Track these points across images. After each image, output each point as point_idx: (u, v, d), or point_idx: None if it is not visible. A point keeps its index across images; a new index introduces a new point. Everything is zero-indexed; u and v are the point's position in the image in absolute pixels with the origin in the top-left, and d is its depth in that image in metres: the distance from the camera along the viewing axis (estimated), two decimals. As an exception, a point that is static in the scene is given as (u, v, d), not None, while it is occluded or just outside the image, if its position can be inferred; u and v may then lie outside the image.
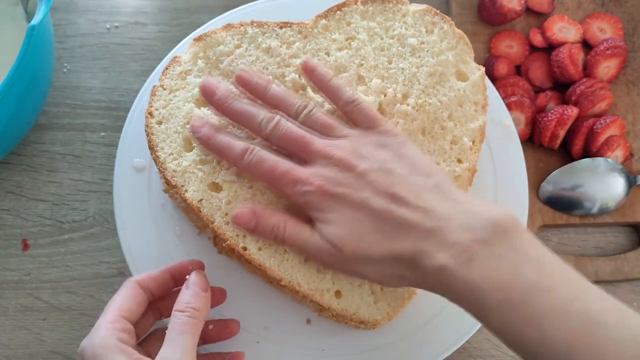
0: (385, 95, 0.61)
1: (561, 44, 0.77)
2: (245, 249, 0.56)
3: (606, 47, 0.76)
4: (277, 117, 0.54)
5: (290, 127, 0.54)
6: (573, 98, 0.75)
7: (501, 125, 0.67)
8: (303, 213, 0.54)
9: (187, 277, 0.55)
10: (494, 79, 0.76)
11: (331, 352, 0.61)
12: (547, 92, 0.77)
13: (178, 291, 0.54)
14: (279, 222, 0.53)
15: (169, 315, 0.52)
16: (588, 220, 0.73)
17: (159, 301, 0.56)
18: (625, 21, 0.81)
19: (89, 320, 0.68)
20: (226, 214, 0.57)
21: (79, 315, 0.68)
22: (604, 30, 0.80)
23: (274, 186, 0.54)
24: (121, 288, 0.54)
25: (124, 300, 0.52)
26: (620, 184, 0.72)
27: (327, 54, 0.62)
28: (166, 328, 0.50)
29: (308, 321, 0.62)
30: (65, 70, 0.78)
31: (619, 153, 0.73)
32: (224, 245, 0.57)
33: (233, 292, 0.62)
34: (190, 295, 0.53)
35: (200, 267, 0.57)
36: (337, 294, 0.57)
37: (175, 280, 0.57)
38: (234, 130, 0.59)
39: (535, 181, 0.74)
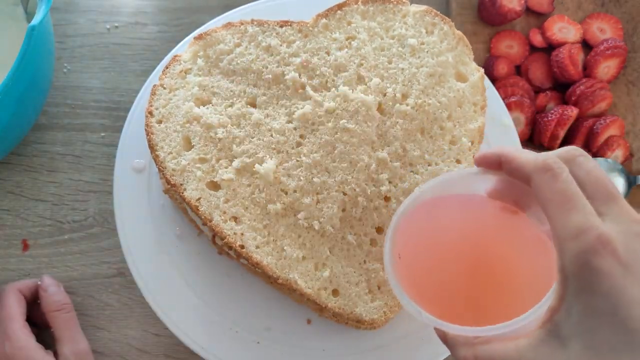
0: (384, 95, 0.61)
1: (561, 44, 0.77)
2: (242, 246, 0.56)
3: (606, 47, 0.76)
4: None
5: None
6: (573, 98, 0.75)
7: (501, 125, 0.67)
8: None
9: (39, 282, 0.64)
10: (494, 79, 0.76)
11: (331, 352, 0.61)
12: (547, 92, 0.77)
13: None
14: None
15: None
16: (588, 220, 0.73)
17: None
18: (625, 21, 0.81)
19: (89, 320, 0.68)
20: (224, 212, 0.57)
21: (79, 315, 0.67)
22: (604, 30, 0.80)
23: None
24: (8, 295, 0.62)
25: (18, 306, 0.61)
26: (620, 184, 0.72)
27: (327, 53, 0.62)
28: None
29: (308, 321, 0.62)
30: (65, 70, 0.78)
31: (619, 153, 0.73)
32: (222, 243, 0.57)
33: (233, 292, 0.62)
34: (58, 295, 0.64)
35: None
36: (335, 292, 0.57)
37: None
38: (233, 130, 0.59)
39: (535, 181, 0.74)
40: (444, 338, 0.43)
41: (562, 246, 0.36)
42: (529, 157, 0.40)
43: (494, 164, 0.43)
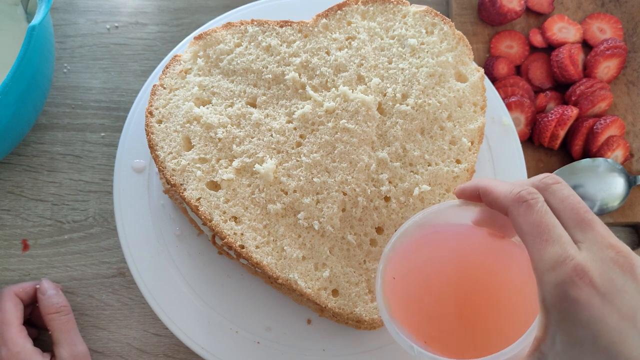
0: (384, 95, 0.61)
1: (561, 44, 0.77)
2: (242, 247, 0.56)
3: (606, 47, 0.76)
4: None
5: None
6: (573, 98, 0.75)
7: (501, 125, 0.67)
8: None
9: (37, 286, 0.64)
10: (494, 79, 0.76)
11: (332, 352, 0.61)
12: (547, 92, 0.77)
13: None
14: None
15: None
16: (588, 220, 0.73)
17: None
18: (625, 21, 0.81)
19: (89, 320, 0.68)
20: (224, 212, 0.57)
21: (79, 315, 0.68)
22: (603, 30, 0.80)
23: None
24: (4, 299, 0.62)
25: (15, 310, 0.61)
26: (620, 184, 0.72)
27: (327, 53, 0.62)
28: None
29: (309, 321, 0.62)
30: (65, 70, 0.78)
31: (619, 153, 0.73)
32: (222, 243, 0.57)
33: (233, 292, 0.62)
34: (56, 297, 0.63)
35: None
36: (334, 292, 0.57)
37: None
38: (233, 130, 0.59)
39: (535, 181, 0.74)
40: None
41: (540, 278, 0.36)
42: (505, 188, 0.41)
43: (473, 195, 0.45)
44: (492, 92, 0.68)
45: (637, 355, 0.33)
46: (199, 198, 0.57)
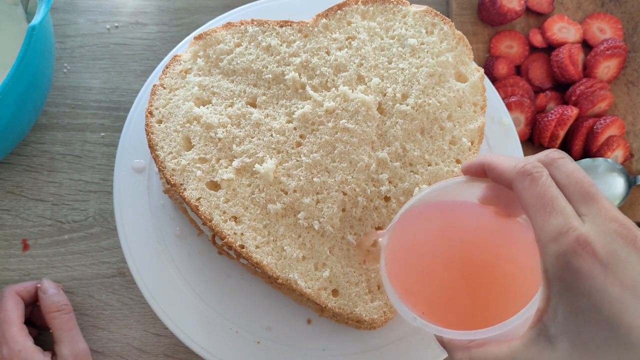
0: (384, 95, 0.61)
1: (561, 44, 0.77)
2: (242, 247, 0.56)
3: (606, 47, 0.76)
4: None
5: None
6: (573, 98, 0.75)
7: (501, 124, 0.67)
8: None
9: (38, 285, 0.65)
10: (494, 79, 0.76)
11: (332, 352, 0.61)
12: (547, 92, 0.77)
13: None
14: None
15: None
16: (588, 220, 0.73)
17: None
18: (625, 21, 0.81)
19: (89, 320, 0.68)
20: (224, 212, 0.57)
21: (79, 315, 0.68)
22: (603, 30, 0.80)
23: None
24: (6, 298, 0.62)
25: (16, 309, 0.61)
26: (620, 184, 0.72)
27: (327, 53, 0.62)
28: None
29: (309, 321, 0.62)
30: (65, 70, 0.78)
31: (619, 153, 0.73)
32: (222, 243, 0.57)
33: (233, 292, 0.62)
34: (57, 296, 0.64)
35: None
36: (334, 292, 0.57)
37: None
38: (233, 130, 0.59)
39: (535, 181, 0.74)
40: (442, 342, 0.43)
41: (543, 249, 0.36)
42: (510, 163, 0.41)
43: (479, 171, 0.45)
44: (492, 92, 0.68)
45: (639, 326, 0.33)
46: (199, 198, 0.57)
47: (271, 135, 0.59)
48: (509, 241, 0.45)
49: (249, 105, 0.61)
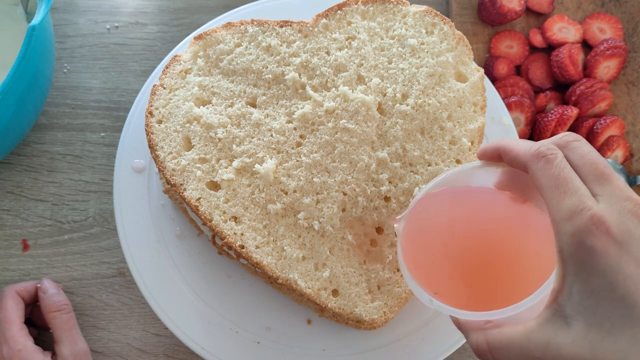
0: (384, 95, 0.61)
1: (561, 44, 0.77)
2: (242, 247, 0.56)
3: (606, 47, 0.76)
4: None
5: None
6: (573, 98, 0.75)
7: (501, 124, 0.67)
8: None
9: (38, 285, 0.65)
10: (494, 79, 0.76)
11: (331, 352, 0.61)
12: (547, 92, 0.77)
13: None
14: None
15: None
16: (588, 220, 0.73)
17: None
18: (625, 21, 0.81)
19: (89, 320, 0.68)
20: (224, 212, 0.57)
21: (79, 315, 0.68)
22: (604, 30, 0.80)
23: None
24: (6, 298, 0.62)
25: (16, 309, 0.61)
26: (621, 184, 0.72)
27: (327, 53, 0.62)
28: None
29: (309, 321, 0.62)
30: (65, 70, 0.78)
31: (619, 153, 0.73)
32: (222, 243, 0.57)
33: (233, 292, 0.62)
34: (57, 296, 0.64)
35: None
36: (334, 292, 0.57)
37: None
38: (233, 130, 0.59)
39: (535, 181, 0.74)
40: (457, 324, 0.44)
41: (558, 228, 0.37)
42: (525, 145, 0.41)
43: (494, 156, 0.45)
44: (492, 92, 0.68)
45: None
46: (199, 198, 0.57)
47: (271, 135, 0.59)
48: (524, 226, 0.46)
49: (249, 106, 0.61)
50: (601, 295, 0.34)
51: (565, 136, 0.40)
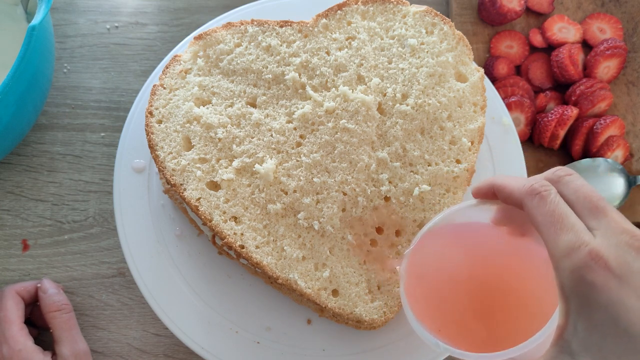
0: (384, 95, 0.61)
1: (561, 44, 0.77)
2: (242, 247, 0.56)
3: (606, 47, 0.76)
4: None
5: None
6: (573, 98, 0.75)
7: (501, 124, 0.67)
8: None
9: (38, 285, 0.65)
10: (494, 79, 0.76)
11: (331, 352, 0.61)
12: (547, 92, 0.77)
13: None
14: None
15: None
16: (588, 220, 0.73)
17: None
18: (625, 21, 0.81)
19: (89, 320, 0.68)
20: (224, 212, 0.57)
21: (79, 315, 0.68)
22: (603, 30, 0.80)
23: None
24: (6, 298, 0.62)
25: (16, 309, 0.61)
26: (620, 184, 0.72)
27: (327, 53, 0.62)
28: None
29: (309, 322, 0.62)
30: (65, 70, 0.78)
31: (619, 153, 0.73)
32: (222, 243, 0.57)
33: (233, 292, 0.62)
34: (57, 296, 0.64)
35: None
36: (334, 292, 0.57)
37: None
38: (233, 130, 0.59)
39: (535, 181, 0.74)
40: None
41: (557, 265, 0.37)
42: (518, 183, 0.42)
43: (489, 194, 0.45)
44: (492, 92, 0.68)
45: None
46: (199, 198, 0.57)
47: (271, 135, 0.59)
48: (523, 260, 0.46)
49: (249, 106, 0.61)
50: (605, 329, 0.35)
51: (557, 171, 0.41)
